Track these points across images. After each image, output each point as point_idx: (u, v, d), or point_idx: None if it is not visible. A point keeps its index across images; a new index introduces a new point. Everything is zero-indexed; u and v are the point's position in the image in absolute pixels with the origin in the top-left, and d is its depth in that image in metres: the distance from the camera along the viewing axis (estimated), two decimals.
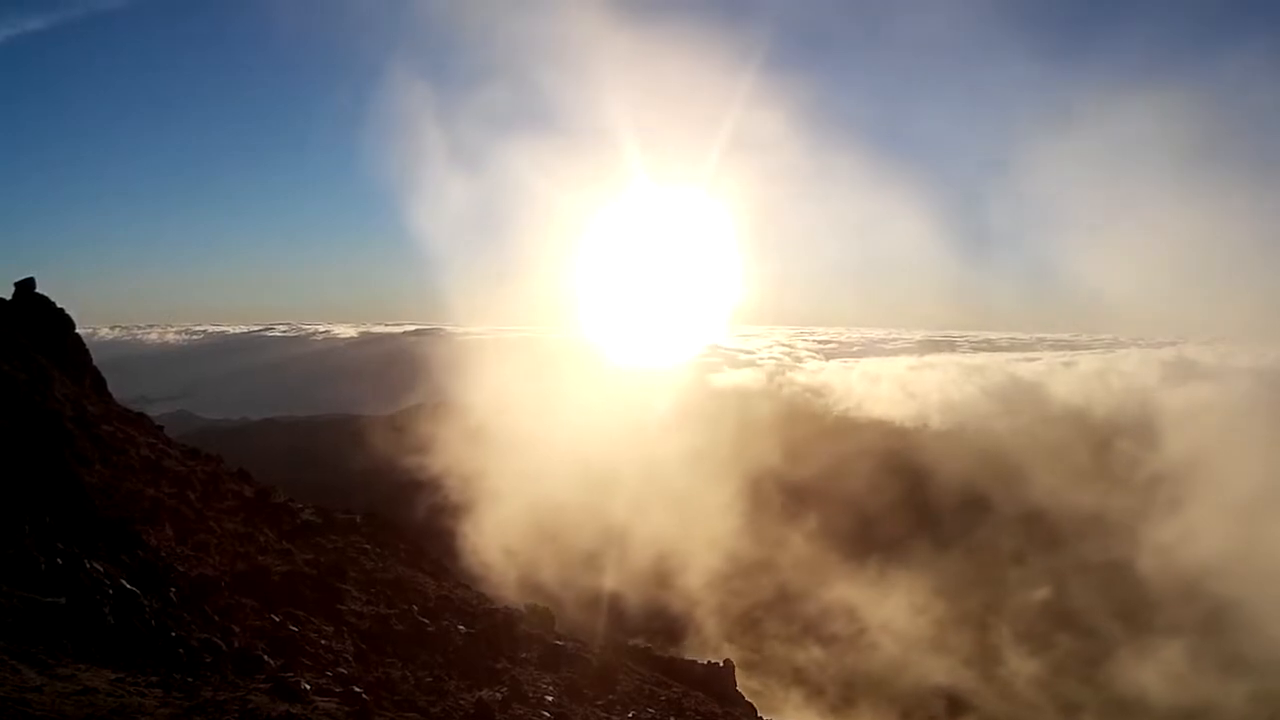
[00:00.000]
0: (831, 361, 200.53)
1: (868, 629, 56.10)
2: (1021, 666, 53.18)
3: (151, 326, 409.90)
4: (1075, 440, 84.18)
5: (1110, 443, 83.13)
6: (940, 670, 52.60)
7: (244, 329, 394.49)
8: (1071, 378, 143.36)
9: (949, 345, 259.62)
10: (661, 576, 44.79)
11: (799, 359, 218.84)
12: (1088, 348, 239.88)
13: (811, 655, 52.78)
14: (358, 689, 9.76)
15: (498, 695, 12.48)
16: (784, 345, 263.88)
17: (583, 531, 50.81)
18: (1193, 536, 61.83)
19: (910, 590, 59.49)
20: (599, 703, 14.55)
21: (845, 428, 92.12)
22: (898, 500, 70.50)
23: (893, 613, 57.57)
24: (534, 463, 62.37)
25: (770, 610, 57.02)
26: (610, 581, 38.57)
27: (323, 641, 12.77)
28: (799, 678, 49.88)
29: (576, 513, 53.45)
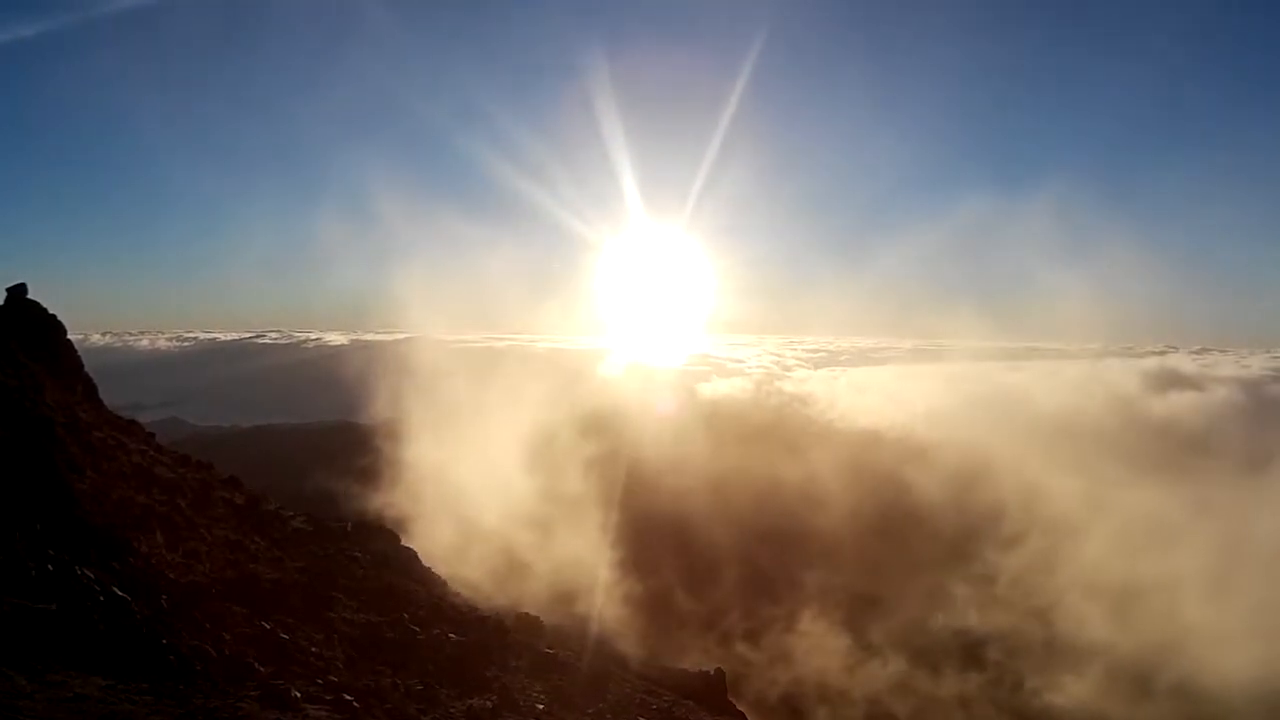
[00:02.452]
0: (820, 370, 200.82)
1: (802, 643, 56.00)
2: (956, 685, 53.08)
3: (143, 333, 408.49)
4: (1036, 452, 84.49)
5: (1062, 456, 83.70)
6: (876, 683, 52.44)
7: (235, 336, 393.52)
8: (1054, 387, 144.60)
9: (938, 354, 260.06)
10: (579, 591, 44.54)
11: (787, 368, 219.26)
12: (1076, 357, 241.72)
13: (749, 669, 52.34)
14: (348, 697, 9.79)
15: (488, 704, 12.51)
16: (773, 354, 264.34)
17: (540, 544, 51.47)
18: (1106, 564, 62.42)
19: (833, 607, 59.42)
20: (589, 711, 14.57)
21: (819, 438, 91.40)
22: (838, 516, 70.07)
23: (819, 627, 57.51)
24: (511, 473, 62.83)
25: (701, 623, 56.58)
26: (538, 596, 38.32)
27: (313, 649, 12.76)
28: (736, 690, 49.79)
29: (537, 525, 54.32)
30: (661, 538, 60.05)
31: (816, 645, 55.62)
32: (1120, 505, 71.57)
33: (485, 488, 58.83)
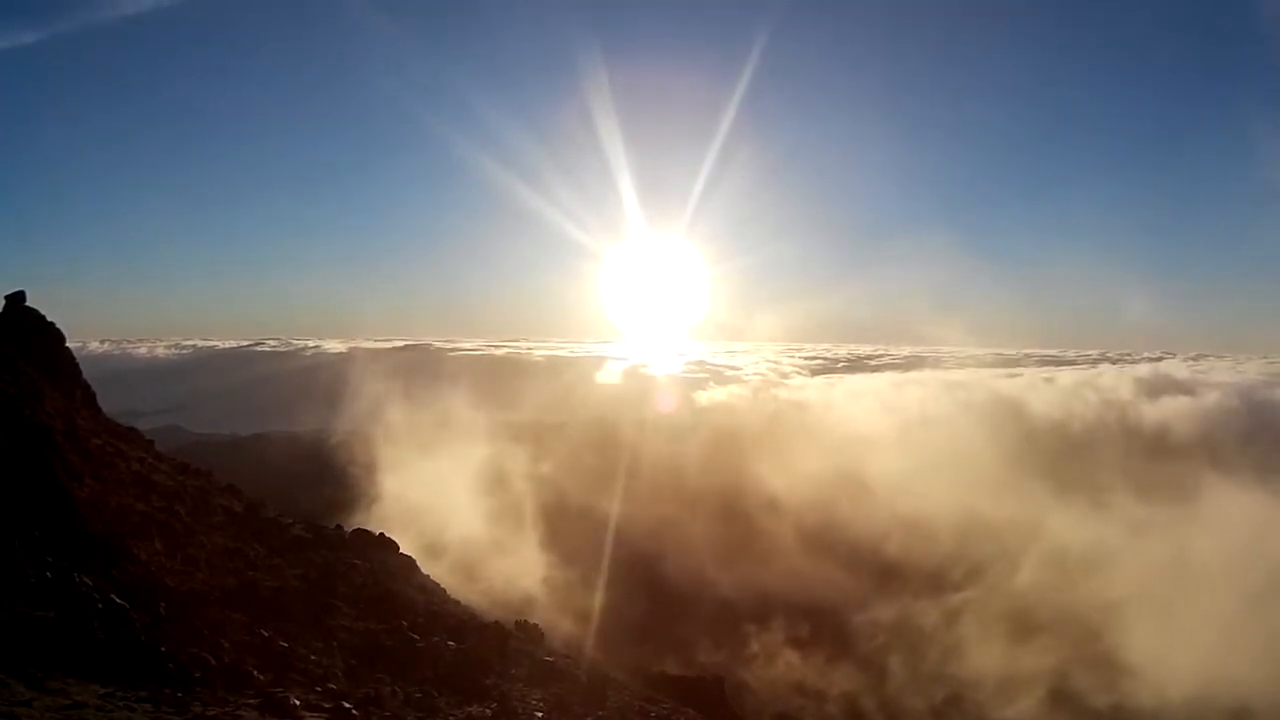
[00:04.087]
0: (816, 378, 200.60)
1: (766, 656, 55.85)
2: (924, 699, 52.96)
3: (141, 340, 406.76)
4: (1017, 462, 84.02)
5: (1042, 465, 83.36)
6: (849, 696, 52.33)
7: (234, 344, 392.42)
8: (1046, 395, 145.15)
9: (936, 361, 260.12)
10: (554, 601, 44.42)
11: (784, 375, 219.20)
12: (1072, 363, 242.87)
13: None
14: (347, 704, 9.77)
15: (487, 711, 12.47)
16: (770, 361, 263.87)
17: (528, 551, 51.77)
18: (1066, 581, 62.07)
19: (798, 623, 59.22)
20: (588, 718, 14.53)
21: (804, 448, 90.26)
22: (812, 530, 69.43)
23: (779, 639, 57.42)
24: (505, 479, 63.04)
25: (669, 636, 56.29)
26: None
27: (312, 657, 12.74)
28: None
29: (528, 532, 54.63)
30: (637, 548, 59.93)
31: (783, 660, 55.57)
32: (1092, 519, 71.28)
33: (478, 493, 59.05)
